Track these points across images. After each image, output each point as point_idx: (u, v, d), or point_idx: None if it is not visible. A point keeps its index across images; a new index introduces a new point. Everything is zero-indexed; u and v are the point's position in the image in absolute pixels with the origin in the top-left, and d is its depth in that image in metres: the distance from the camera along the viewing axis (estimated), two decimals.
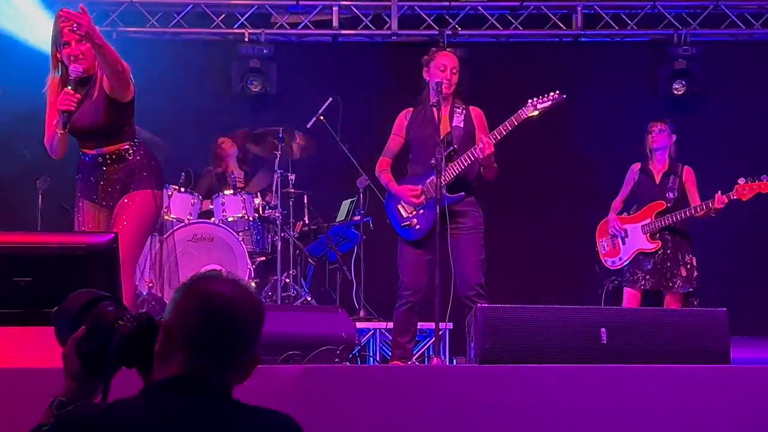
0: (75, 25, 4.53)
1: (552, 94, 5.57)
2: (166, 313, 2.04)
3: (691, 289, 6.80)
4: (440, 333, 5.56)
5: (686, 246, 6.84)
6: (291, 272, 7.42)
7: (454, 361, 6.80)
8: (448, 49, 5.90)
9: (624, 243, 6.91)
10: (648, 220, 6.81)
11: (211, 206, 7.42)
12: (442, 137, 5.46)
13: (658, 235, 6.78)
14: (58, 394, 2.13)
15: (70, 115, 4.73)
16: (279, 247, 7.20)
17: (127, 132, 4.94)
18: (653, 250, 6.76)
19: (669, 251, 6.76)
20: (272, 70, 9.04)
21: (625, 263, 6.90)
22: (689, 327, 4.26)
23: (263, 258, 7.49)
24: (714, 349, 4.23)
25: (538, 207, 8.88)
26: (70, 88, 4.71)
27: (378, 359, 7.08)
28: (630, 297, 6.82)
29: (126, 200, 4.86)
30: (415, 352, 6.19)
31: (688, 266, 6.78)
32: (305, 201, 7.78)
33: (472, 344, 4.49)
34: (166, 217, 6.80)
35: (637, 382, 3.77)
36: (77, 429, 1.91)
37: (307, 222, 7.80)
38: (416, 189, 5.62)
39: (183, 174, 7.43)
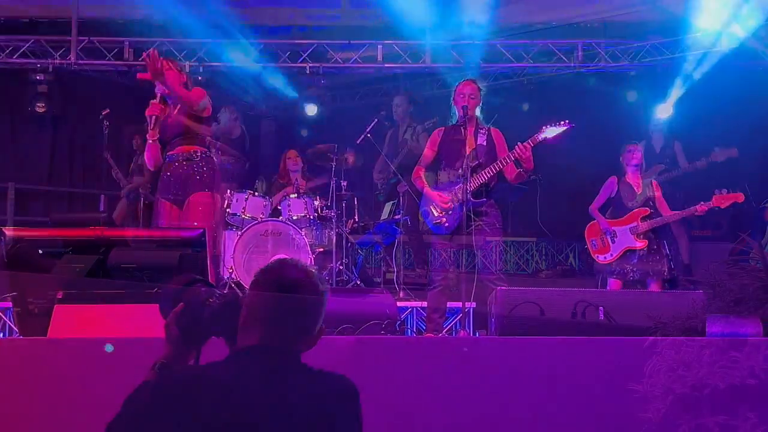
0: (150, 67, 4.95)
1: (562, 122, 5.36)
2: (248, 293, 2.07)
3: (674, 275, 6.79)
4: (466, 310, 5.55)
5: (663, 242, 6.85)
6: (344, 261, 7.42)
7: (477, 333, 6.78)
8: (468, 79, 5.86)
9: (613, 242, 6.89)
10: (635, 224, 6.81)
11: (279, 207, 7.48)
12: (468, 153, 5.46)
13: (643, 235, 6.76)
14: (160, 358, 2.17)
15: (157, 119, 5.05)
16: (334, 241, 7.22)
17: (199, 139, 5.15)
18: (641, 248, 6.74)
19: (653, 248, 6.76)
20: (328, 96, 9.11)
21: (615, 258, 6.87)
22: (672, 306, 4.23)
23: (321, 249, 7.50)
24: (692, 325, 4.19)
25: (548, 208, 8.81)
26: (156, 100, 5.09)
27: (415, 332, 7.07)
28: (613, 286, 6.78)
29: (190, 201, 5.04)
30: (445, 326, 6.18)
31: (670, 258, 6.78)
32: (355, 202, 7.80)
33: (492, 320, 4.48)
34: (243, 216, 6.89)
35: (628, 352, 3.75)
36: (176, 385, 1.95)
37: (356, 220, 7.82)
38: (447, 199, 5.61)
39: (257, 181, 7.57)
